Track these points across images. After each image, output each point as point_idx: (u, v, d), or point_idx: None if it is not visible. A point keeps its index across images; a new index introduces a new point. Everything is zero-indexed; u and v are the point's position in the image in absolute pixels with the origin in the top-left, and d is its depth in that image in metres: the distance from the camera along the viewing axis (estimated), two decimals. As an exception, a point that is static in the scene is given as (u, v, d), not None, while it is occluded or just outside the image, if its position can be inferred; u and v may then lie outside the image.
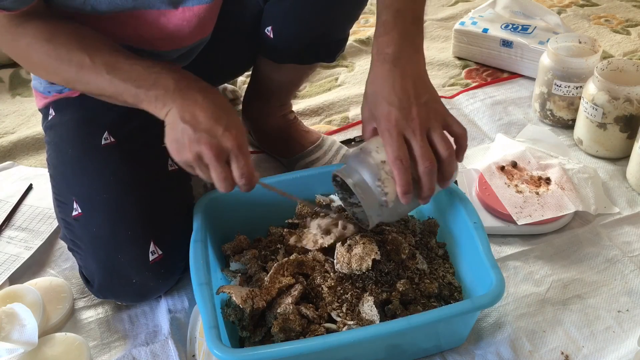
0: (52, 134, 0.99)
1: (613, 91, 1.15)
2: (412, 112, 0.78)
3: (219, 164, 0.76)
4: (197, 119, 0.76)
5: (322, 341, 0.73)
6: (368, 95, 0.83)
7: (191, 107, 0.77)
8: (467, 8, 1.80)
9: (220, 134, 0.75)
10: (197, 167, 0.78)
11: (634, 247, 1.03)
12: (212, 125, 0.76)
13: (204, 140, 0.75)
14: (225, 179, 0.77)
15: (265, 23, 1.02)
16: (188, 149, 0.76)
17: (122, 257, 0.89)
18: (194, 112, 0.76)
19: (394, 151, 0.77)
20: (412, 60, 0.82)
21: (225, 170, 0.77)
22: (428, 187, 0.78)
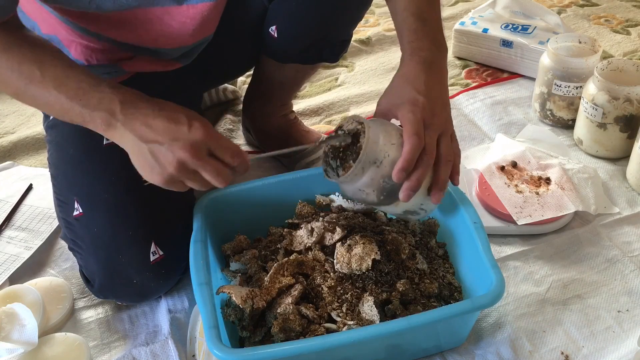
0: (53, 134, 0.99)
1: (613, 91, 1.15)
2: (437, 108, 0.79)
3: (204, 161, 0.73)
4: (157, 132, 0.72)
5: (322, 341, 0.73)
6: (394, 86, 0.83)
7: (146, 122, 0.73)
8: (467, 8, 1.80)
9: (187, 132, 0.72)
10: (185, 177, 0.74)
11: (634, 247, 1.03)
12: (175, 129, 0.72)
13: (176, 146, 0.71)
14: (219, 172, 0.74)
15: (269, 22, 1.02)
16: (165, 164, 0.72)
17: (122, 257, 0.89)
18: (151, 126, 0.72)
19: (413, 127, 0.76)
20: (443, 67, 0.85)
21: (214, 163, 0.73)
22: (417, 178, 0.76)
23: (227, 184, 0.75)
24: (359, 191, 0.79)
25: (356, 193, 0.80)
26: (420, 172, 0.76)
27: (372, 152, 0.77)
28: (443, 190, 0.80)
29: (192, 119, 0.73)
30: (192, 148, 0.72)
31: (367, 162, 0.77)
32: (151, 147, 0.72)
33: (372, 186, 0.78)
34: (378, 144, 0.77)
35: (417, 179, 0.76)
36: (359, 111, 1.40)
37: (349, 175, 0.77)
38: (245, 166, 0.76)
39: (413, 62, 0.83)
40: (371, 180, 0.78)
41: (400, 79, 0.83)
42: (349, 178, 0.78)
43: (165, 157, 0.72)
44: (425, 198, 0.81)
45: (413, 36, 0.84)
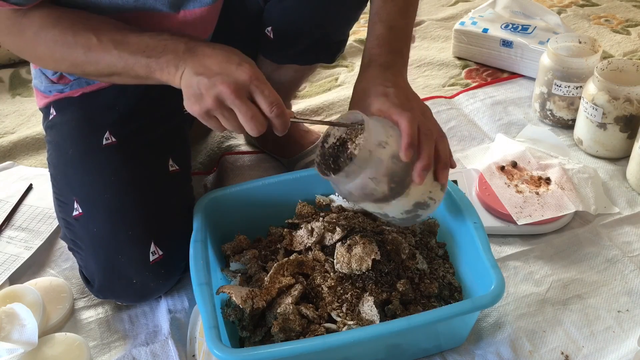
0: (53, 134, 0.99)
1: (613, 91, 1.15)
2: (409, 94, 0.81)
3: (241, 100, 0.73)
4: (209, 67, 0.74)
5: (322, 341, 0.73)
6: (358, 92, 0.85)
7: (202, 60, 0.75)
8: (467, 8, 1.80)
9: (234, 70, 0.74)
10: (220, 114, 0.74)
11: (634, 247, 1.03)
12: (225, 66, 0.74)
13: (219, 81, 0.72)
14: (254, 116, 0.73)
15: (265, 23, 1.02)
16: (206, 95, 0.73)
17: (122, 257, 0.89)
18: (205, 63, 0.75)
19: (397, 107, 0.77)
20: (401, 72, 0.86)
21: (251, 107, 0.73)
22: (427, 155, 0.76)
23: (259, 132, 0.75)
24: (369, 180, 0.75)
25: (366, 185, 0.76)
26: (428, 149, 0.76)
27: (376, 133, 0.75)
28: (447, 168, 0.80)
29: (243, 61, 0.75)
30: (233, 85, 0.73)
31: (372, 144, 0.74)
32: (199, 80, 0.74)
33: (382, 169, 0.75)
34: (378, 127, 0.76)
35: (428, 155, 0.76)
36: (359, 111, 1.40)
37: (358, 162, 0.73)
38: (283, 122, 0.76)
39: (371, 69, 0.85)
40: (380, 162, 0.74)
41: (360, 84, 0.85)
42: (357, 165, 0.74)
43: (207, 90, 0.73)
44: (432, 184, 0.80)
45: (374, 42, 0.87)
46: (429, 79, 1.51)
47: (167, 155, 0.98)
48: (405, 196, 0.78)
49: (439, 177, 0.80)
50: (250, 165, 1.23)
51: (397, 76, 0.84)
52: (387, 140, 0.75)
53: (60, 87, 0.98)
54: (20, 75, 1.60)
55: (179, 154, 1.00)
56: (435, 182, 0.80)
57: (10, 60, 1.62)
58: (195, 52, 0.77)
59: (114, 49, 0.78)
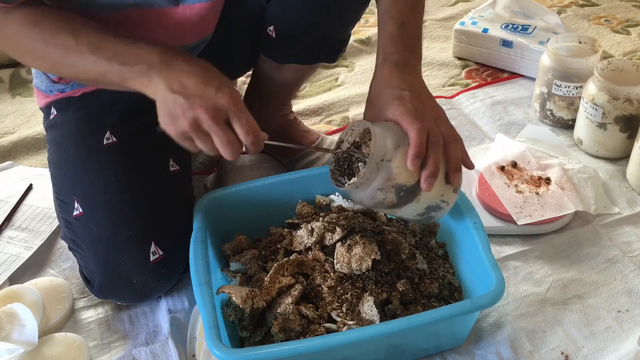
0: (53, 133, 0.99)
1: (613, 91, 1.15)
2: (423, 97, 0.81)
3: (218, 126, 0.72)
4: (187, 86, 0.73)
5: (322, 341, 0.73)
6: (373, 94, 0.84)
7: (178, 76, 0.74)
8: (467, 8, 1.80)
9: (214, 95, 0.73)
10: (196, 137, 0.74)
11: (634, 247, 1.03)
12: (203, 88, 0.73)
13: (198, 104, 0.72)
14: (229, 142, 0.73)
15: (267, 22, 1.02)
16: (182, 117, 0.72)
17: (122, 257, 0.89)
18: (182, 81, 0.73)
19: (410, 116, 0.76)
20: (416, 69, 0.85)
21: (227, 132, 0.73)
22: (434, 161, 0.75)
23: (234, 158, 0.75)
24: (378, 191, 0.76)
25: (375, 195, 0.77)
26: (435, 155, 0.76)
27: (381, 146, 0.75)
28: (459, 171, 0.79)
29: (223, 85, 0.74)
30: (212, 110, 0.72)
31: (378, 157, 0.74)
32: (175, 98, 0.73)
33: (390, 181, 0.76)
34: (386, 138, 0.76)
35: (434, 162, 0.76)
36: (359, 111, 1.40)
37: (365, 173, 0.74)
38: (258, 147, 0.75)
39: (385, 68, 0.84)
40: (388, 175, 0.75)
41: (376, 85, 0.84)
42: (365, 178, 0.75)
43: (184, 111, 0.72)
44: (444, 187, 0.79)
45: (388, 40, 0.86)
46: (429, 79, 1.51)
47: (167, 155, 0.98)
48: (416, 202, 0.79)
49: (451, 180, 0.79)
50: (250, 165, 1.23)
51: (412, 75, 0.84)
52: (394, 151, 0.75)
53: (61, 86, 0.99)
54: (20, 75, 1.60)
55: (180, 154, 1.00)
56: (448, 185, 0.80)
57: (10, 60, 1.62)
58: (170, 65, 0.75)
59: (90, 53, 0.76)
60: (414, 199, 0.78)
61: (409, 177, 0.76)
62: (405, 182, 0.76)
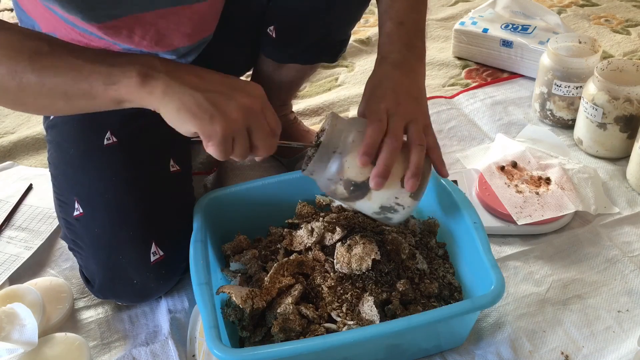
0: (53, 133, 0.99)
1: (613, 91, 1.15)
2: (401, 99, 0.80)
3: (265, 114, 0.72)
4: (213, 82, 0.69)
5: (322, 341, 0.73)
6: (365, 93, 0.85)
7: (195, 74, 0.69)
8: (467, 8, 1.80)
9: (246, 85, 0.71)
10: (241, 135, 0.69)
11: (634, 247, 1.03)
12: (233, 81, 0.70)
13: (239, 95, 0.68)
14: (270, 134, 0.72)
15: (267, 22, 1.02)
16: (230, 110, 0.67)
17: (123, 257, 0.89)
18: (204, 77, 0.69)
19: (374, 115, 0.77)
20: (414, 68, 0.85)
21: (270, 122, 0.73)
22: (383, 162, 0.75)
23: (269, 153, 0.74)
24: (328, 181, 0.79)
25: (327, 186, 0.80)
26: (385, 155, 0.75)
27: (335, 138, 0.77)
28: (416, 176, 0.76)
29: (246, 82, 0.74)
30: (255, 98, 0.70)
31: (329, 148, 0.77)
32: (210, 96, 0.67)
33: (340, 174, 0.77)
34: (342, 132, 0.77)
35: (384, 163, 0.75)
36: (359, 111, 1.40)
37: (313, 162, 0.77)
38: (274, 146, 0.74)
39: (382, 67, 0.84)
40: (338, 168, 0.77)
41: (370, 83, 0.85)
42: (315, 166, 0.78)
43: (228, 105, 0.67)
44: (400, 190, 0.78)
45: (386, 39, 0.86)
46: (429, 79, 1.51)
47: (167, 156, 0.98)
48: (368, 200, 0.80)
49: (405, 184, 0.77)
50: (250, 165, 1.23)
51: (408, 75, 0.84)
52: (349, 145, 0.77)
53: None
54: None
55: (180, 154, 1.00)
56: (403, 189, 0.78)
57: (10, 60, 1.61)
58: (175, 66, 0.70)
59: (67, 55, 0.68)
60: (365, 196, 0.79)
61: (358, 174, 0.78)
62: (354, 178, 0.78)
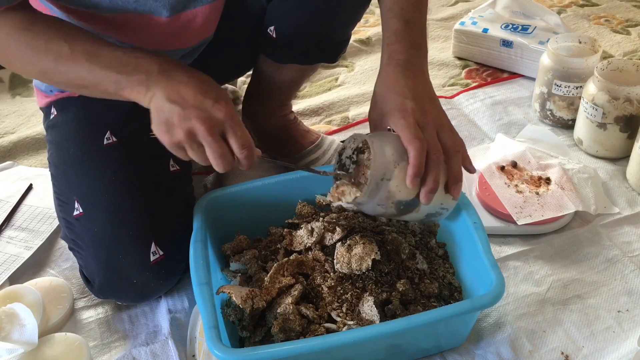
0: (53, 133, 0.99)
1: (613, 91, 1.15)
2: (426, 106, 0.80)
3: (213, 138, 0.73)
4: (184, 97, 0.73)
5: (322, 341, 0.73)
6: (377, 96, 0.84)
7: (176, 87, 0.74)
8: (467, 8, 1.80)
9: (210, 107, 0.73)
10: (190, 147, 0.74)
11: (634, 247, 1.03)
12: (201, 99, 0.73)
13: (194, 115, 0.72)
14: (222, 155, 0.73)
15: (268, 23, 1.02)
16: (178, 127, 0.73)
17: (123, 257, 0.89)
18: (180, 91, 0.73)
19: (411, 132, 0.76)
20: (422, 68, 0.85)
21: (221, 145, 0.74)
22: (433, 179, 0.77)
23: (225, 170, 0.75)
24: (378, 207, 0.79)
25: (376, 209, 0.80)
26: (435, 172, 0.77)
27: (380, 166, 0.76)
28: (460, 183, 0.80)
29: (220, 98, 0.74)
30: (208, 122, 0.72)
31: (378, 177, 0.76)
32: (172, 107, 0.73)
33: (390, 199, 0.78)
34: (385, 157, 0.77)
35: (434, 180, 0.77)
36: (359, 111, 1.40)
37: (364, 195, 0.77)
38: (250, 161, 0.76)
39: (390, 68, 0.84)
40: (387, 193, 0.77)
41: (381, 87, 0.84)
42: (365, 199, 0.78)
43: (180, 121, 0.72)
44: (444, 196, 0.80)
45: (392, 38, 0.85)
46: (429, 79, 1.51)
47: (167, 156, 0.98)
48: (416, 212, 0.81)
49: (451, 192, 0.80)
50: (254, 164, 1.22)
51: (418, 77, 0.83)
52: (394, 169, 0.76)
53: (62, 86, 0.98)
54: (21, 75, 1.60)
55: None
56: (448, 194, 0.81)
57: (10, 60, 1.62)
58: (169, 76, 0.75)
59: (85, 60, 0.76)
60: (414, 210, 0.81)
61: (408, 194, 0.78)
62: (404, 198, 0.78)
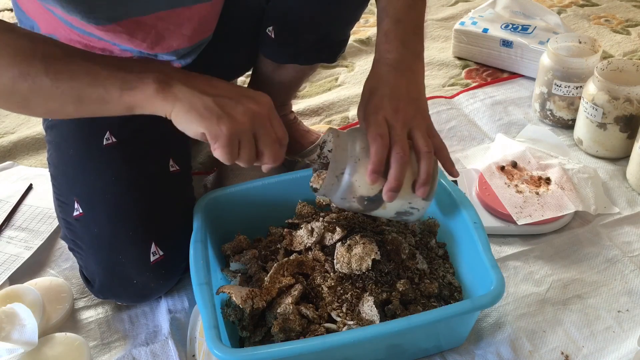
0: (53, 134, 0.99)
1: (613, 91, 1.15)
2: (400, 105, 0.80)
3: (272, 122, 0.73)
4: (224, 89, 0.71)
5: (322, 341, 0.73)
6: (364, 94, 0.84)
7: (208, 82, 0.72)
8: (467, 8, 1.80)
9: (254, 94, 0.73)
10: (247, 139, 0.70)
11: (634, 247, 1.03)
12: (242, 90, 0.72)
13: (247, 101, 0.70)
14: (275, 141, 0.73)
15: (266, 23, 1.02)
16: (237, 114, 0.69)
17: (123, 257, 0.89)
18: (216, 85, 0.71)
19: (375, 128, 0.77)
20: (411, 67, 0.85)
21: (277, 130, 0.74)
22: (395, 178, 0.76)
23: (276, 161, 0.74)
24: (342, 200, 0.80)
25: (341, 203, 0.81)
26: (396, 169, 0.76)
27: (341, 159, 0.77)
28: (427, 184, 0.78)
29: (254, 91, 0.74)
30: (263, 105, 0.72)
31: (337, 170, 0.77)
32: (218, 100, 0.69)
33: (352, 193, 0.78)
34: (346, 151, 0.77)
35: (395, 177, 0.76)
36: (359, 111, 1.40)
37: (325, 186, 0.78)
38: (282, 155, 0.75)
39: (380, 67, 0.84)
40: (349, 188, 0.78)
41: (367, 85, 0.84)
42: (326, 189, 0.78)
43: (235, 109, 0.70)
44: (412, 195, 0.80)
45: (383, 38, 0.85)
46: (429, 79, 1.51)
47: (167, 156, 0.98)
48: (383, 208, 0.81)
49: (417, 192, 0.79)
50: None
51: (405, 75, 0.83)
52: (355, 164, 0.77)
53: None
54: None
55: (180, 154, 1.00)
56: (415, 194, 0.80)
57: (10, 60, 1.61)
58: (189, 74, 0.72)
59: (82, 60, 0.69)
60: (380, 207, 0.81)
61: (369, 189, 0.78)
62: (366, 194, 0.79)
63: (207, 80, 0.73)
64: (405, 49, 0.85)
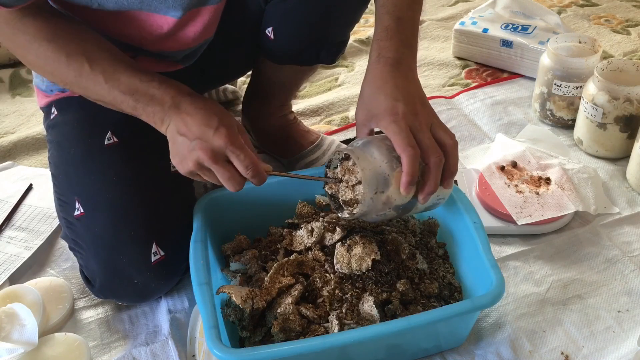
0: (54, 133, 0.99)
1: (613, 91, 1.15)
2: (417, 107, 0.79)
3: (218, 165, 0.77)
4: (190, 128, 0.78)
5: (322, 341, 0.73)
6: (365, 96, 0.83)
7: (184, 119, 0.79)
8: (467, 8, 1.80)
9: (211, 136, 0.77)
10: (202, 174, 0.80)
11: (634, 247, 1.03)
12: (203, 130, 0.77)
13: (198, 145, 0.77)
14: (230, 178, 0.78)
15: (266, 24, 1.02)
16: (188, 158, 0.78)
17: (123, 257, 0.89)
18: (187, 123, 0.78)
19: (403, 139, 0.76)
20: (410, 66, 0.84)
21: (228, 169, 0.78)
22: (435, 182, 0.77)
23: (238, 189, 0.79)
24: (377, 216, 0.80)
25: (376, 219, 0.82)
26: (435, 175, 0.77)
27: (371, 181, 0.77)
28: (454, 176, 0.80)
29: (221, 125, 0.78)
30: (210, 151, 0.77)
31: (371, 192, 0.77)
32: (181, 140, 0.79)
33: (388, 206, 0.79)
34: (373, 170, 0.77)
35: (435, 183, 0.77)
36: (359, 111, 1.40)
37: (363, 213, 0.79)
38: (260, 179, 0.79)
39: (379, 66, 0.83)
40: (384, 203, 0.78)
41: (369, 86, 0.83)
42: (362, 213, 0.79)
43: (189, 153, 0.78)
44: (439, 189, 0.80)
45: (383, 34, 0.85)
46: (429, 79, 1.51)
47: (168, 156, 0.98)
48: (415, 210, 0.82)
49: (445, 185, 0.80)
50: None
51: (407, 77, 0.83)
52: (386, 180, 0.77)
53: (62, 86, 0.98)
54: (20, 75, 1.60)
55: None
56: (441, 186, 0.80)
57: (10, 60, 1.62)
58: (179, 108, 0.80)
59: (104, 82, 0.80)
60: (413, 209, 0.82)
61: (404, 198, 0.78)
62: (402, 202, 0.79)
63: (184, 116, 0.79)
64: (406, 48, 0.84)
